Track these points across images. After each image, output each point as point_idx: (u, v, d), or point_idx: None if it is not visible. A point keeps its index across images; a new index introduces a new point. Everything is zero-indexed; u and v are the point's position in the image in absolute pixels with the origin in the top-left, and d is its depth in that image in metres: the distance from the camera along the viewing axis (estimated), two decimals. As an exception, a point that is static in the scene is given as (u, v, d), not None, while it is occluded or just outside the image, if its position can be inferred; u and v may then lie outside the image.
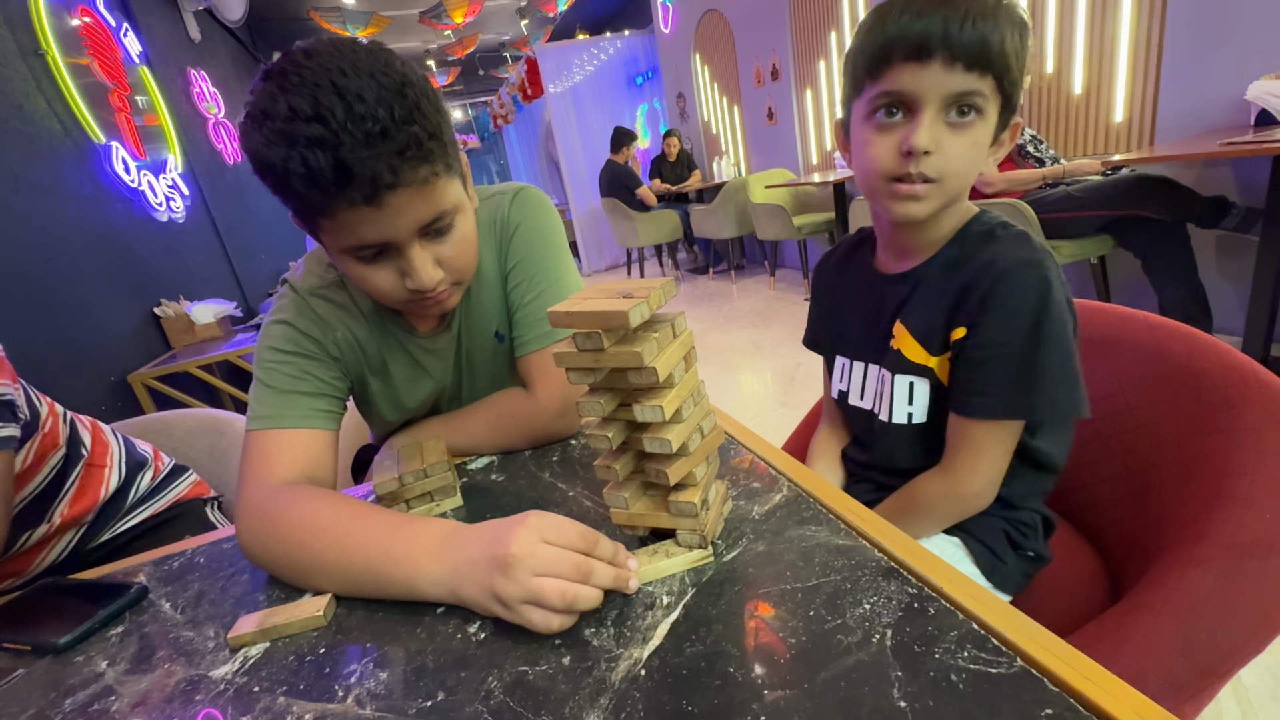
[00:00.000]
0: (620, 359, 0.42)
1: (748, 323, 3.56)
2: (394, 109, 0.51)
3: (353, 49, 0.52)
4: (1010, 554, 0.64)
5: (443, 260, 0.61)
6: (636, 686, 0.37)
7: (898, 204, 0.60)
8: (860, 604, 0.40)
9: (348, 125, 0.49)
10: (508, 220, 0.76)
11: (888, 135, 0.58)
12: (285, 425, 0.64)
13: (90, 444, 0.91)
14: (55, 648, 0.52)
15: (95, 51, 2.54)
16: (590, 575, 0.42)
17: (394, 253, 0.58)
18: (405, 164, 0.52)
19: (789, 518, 0.50)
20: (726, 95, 4.89)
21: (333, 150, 0.49)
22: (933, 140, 0.56)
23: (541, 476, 0.67)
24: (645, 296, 0.42)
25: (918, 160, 0.56)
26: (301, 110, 0.49)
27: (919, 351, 0.64)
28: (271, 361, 0.66)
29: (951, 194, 0.59)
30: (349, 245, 0.57)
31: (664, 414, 0.43)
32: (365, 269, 0.59)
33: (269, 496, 0.58)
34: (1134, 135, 2.25)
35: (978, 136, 0.57)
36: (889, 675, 0.34)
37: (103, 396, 2.06)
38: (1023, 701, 0.31)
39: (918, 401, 0.65)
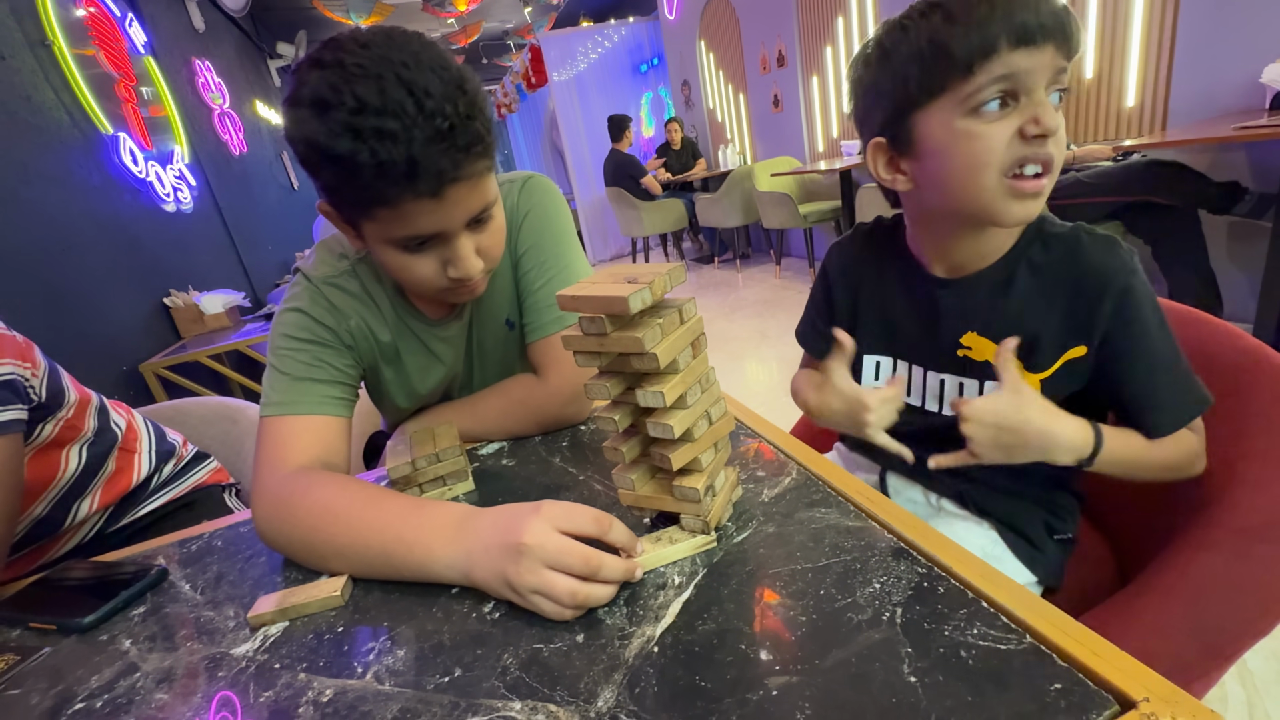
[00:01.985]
0: (622, 344, 0.42)
1: (753, 312, 3.55)
2: (458, 104, 0.52)
3: (405, 39, 0.52)
4: (1048, 542, 0.64)
5: (482, 249, 0.63)
6: (650, 663, 0.38)
7: (1019, 204, 0.55)
8: (870, 583, 0.40)
9: (419, 120, 0.49)
10: (516, 208, 0.76)
11: (1000, 125, 0.52)
12: (300, 411, 0.65)
13: (124, 427, 0.93)
14: (80, 627, 0.54)
15: (101, 41, 2.54)
16: (599, 569, 0.43)
17: (439, 242, 0.60)
18: (468, 159, 0.54)
19: (799, 500, 0.51)
20: (732, 82, 4.85)
21: (405, 145, 0.50)
22: (1060, 119, 0.52)
23: (552, 461, 0.67)
24: (649, 282, 0.42)
25: (1044, 142, 0.52)
26: (370, 102, 0.49)
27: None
28: (286, 349, 0.67)
29: (1051, 186, 0.55)
30: (402, 235, 0.58)
31: (665, 400, 0.43)
32: (409, 258, 0.60)
33: (284, 482, 0.59)
34: (1146, 120, 2.22)
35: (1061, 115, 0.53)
36: (899, 652, 0.35)
37: (116, 386, 2.08)
38: (1031, 677, 0.32)
39: None
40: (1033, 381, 0.60)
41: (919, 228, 0.66)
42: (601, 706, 0.35)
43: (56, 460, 0.82)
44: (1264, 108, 1.79)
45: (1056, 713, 0.30)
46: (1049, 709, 0.30)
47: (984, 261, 0.62)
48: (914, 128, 0.56)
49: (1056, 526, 0.64)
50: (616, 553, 0.45)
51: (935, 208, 0.61)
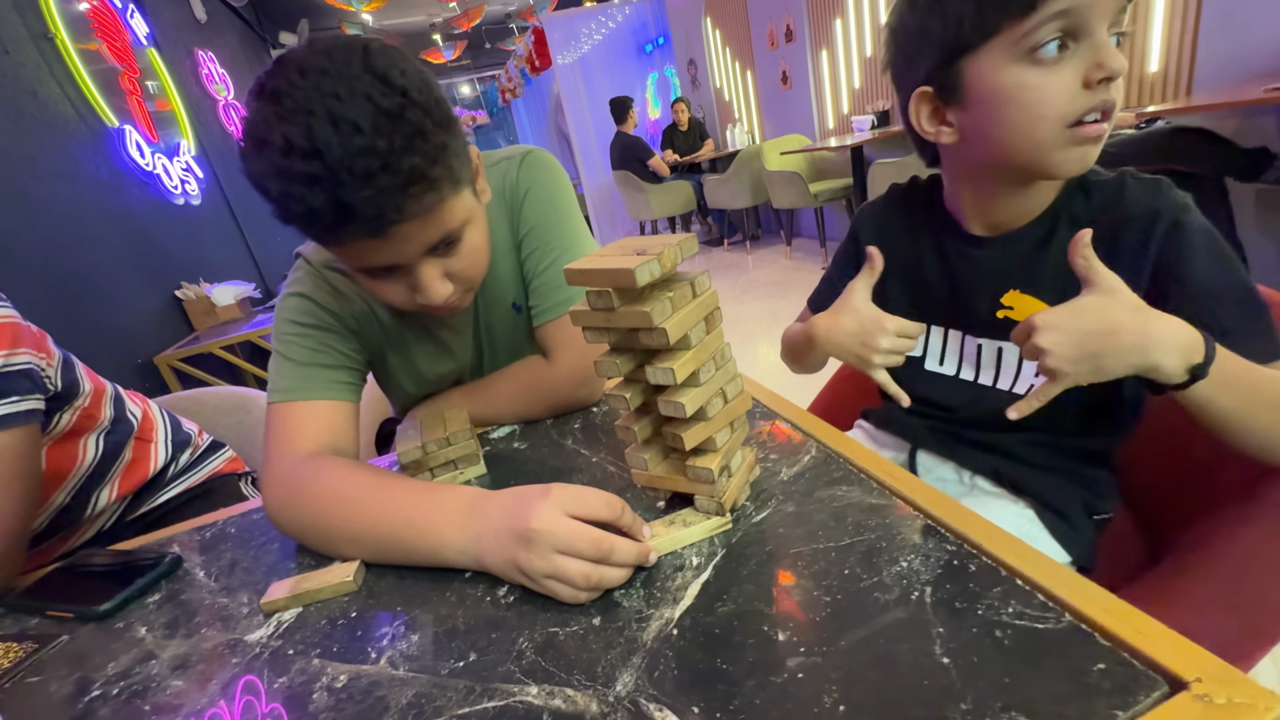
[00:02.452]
0: (630, 319, 0.41)
1: (764, 293, 3.51)
2: (394, 139, 0.47)
3: (347, 62, 0.48)
4: (1085, 522, 0.61)
5: (453, 273, 0.60)
6: (669, 645, 0.37)
7: (1079, 151, 0.51)
8: (897, 562, 0.39)
9: (345, 161, 0.46)
10: (516, 186, 0.73)
11: (1059, 71, 0.49)
12: (307, 397, 0.64)
13: (140, 417, 0.93)
14: (97, 615, 0.54)
15: (103, 34, 2.53)
16: (611, 553, 0.41)
17: (403, 270, 0.57)
18: (409, 199, 0.49)
19: (818, 479, 0.49)
20: (739, 60, 4.76)
21: (331, 190, 0.46)
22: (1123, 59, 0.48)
23: (564, 444, 0.66)
24: (658, 254, 0.40)
25: (1109, 87, 0.48)
26: (297, 143, 0.45)
27: None
28: (290, 334, 0.66)
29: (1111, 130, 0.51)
30: (356, 266, 0.57)
31: (675, 377, 0.41)
32: (375, 283, 0.59)
33: (294, 468, 0.58)
34: (1170, 85, 2.14)
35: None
36: (930, 632, 0.33)
37: (131, 379, 2.10)
38: (1071, 657, 0.30)
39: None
40: None
41: (961, 184, 0.63)
42: (620, 690, 0.34)
43: (75, 450, 0.82)
44: (1296, 68, 1.72)
45: (1100, 694, 0.28)
46: (1092, 690, 0.28)
47: (1026, 218, 0.59)
48: (964, 74, 0.53)
49: (1096, 505, 0.62)
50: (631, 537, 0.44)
51: (982, 161, 0.57)
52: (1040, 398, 0.49)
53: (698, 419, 0.44)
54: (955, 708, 0.29)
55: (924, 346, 0.70)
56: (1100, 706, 0.27)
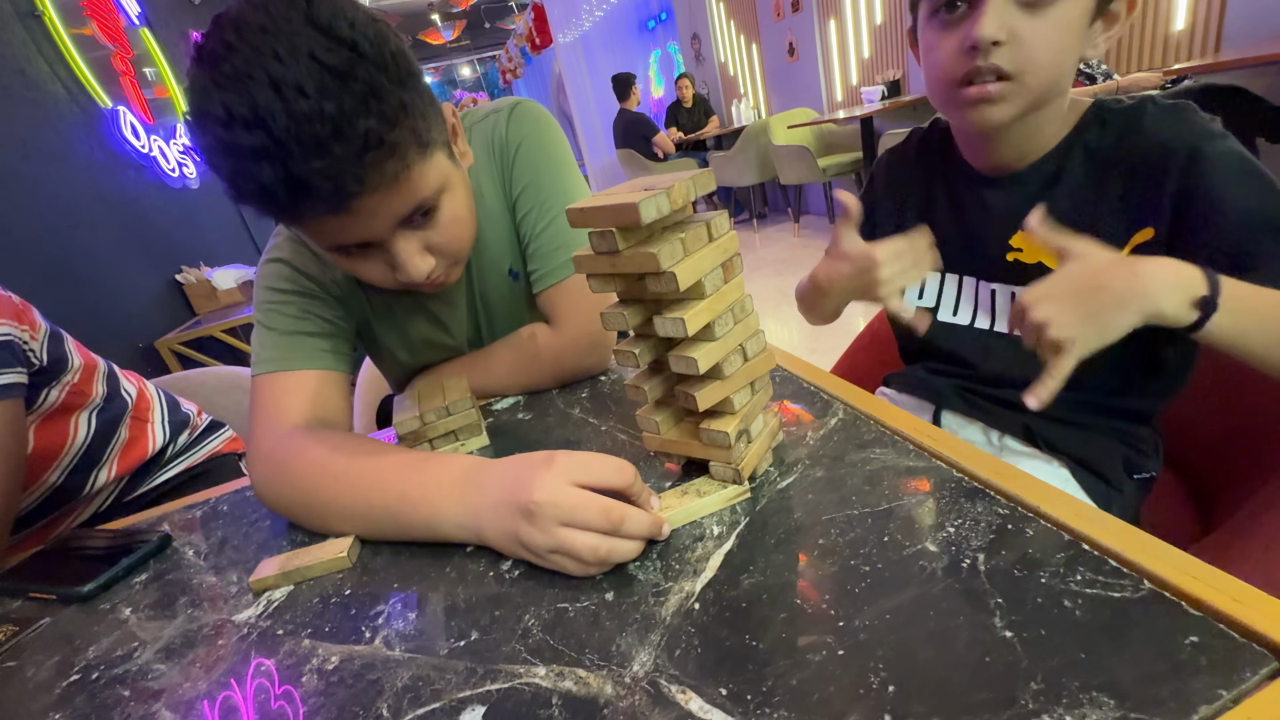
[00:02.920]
0: (636, 262, 0.36)
1: (773, 271, 3.45)
2: (343, 101, 0.42)
3: (286, 16, 0.42)
4: (1127, 481, 0.57)
5: (433, 246, 0.55)
6: (690, 621, 0.33)
7: (971, 111, 0.53)
8: (943, 527, 0.35)
9: (291, 130, 0.41)
10: (506, 141, 0.68)
11: (952, 33, 0.51)
12: (291, 367, 0.60)
13: (135, 396, 0.91)
14: (80, 596, 0.51)
15: (94, 12, 2.47)
16: (622, 523, 0.37)
17: (378, 246, 0.53)
18: (367, 168, 0.45)
19: (848, 441, 0.45)
20: (744, 33, 4.63)
21: (280, 163, 0.42)
22: (1001, 27, 0.48)
23: (571, 413, 0.63)
24: (666, 189, 0.35)
25: (986, 53, 0.49)
26: (238, 113, 0.41)
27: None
28: (271, 303, 0.62)
29: (1037, 90, 0.51)
30: (326, 245, 0.52)
31: (686, 328, 0.37)
32: (351, 262, 0.55)
33: (279, 442, 0.55)
34: (1197, 43, 2.05)
35: (1064, 15, 0.49)
36: (987, 603, 0.29)
37: (133, 363, 2.08)
38: (1158, 629, 0.26)
39: None
40: None
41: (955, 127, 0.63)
42: (637, 671, 0.31)
43: (65, 427, 0.79)
44: (1334, 20, 1.63)
45: (1196, 671, 0.24)
46: (1186, 667, 0.24)
47: (1034, 155, 0.57)
48: (916, 21, 0.57)
49: (1137, 463, 0.58)
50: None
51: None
52: (1056, 376, 0.45)
53: (712, 377, 0.40)
54: (1025, 688, 0.25)
55: (938, 296, 0.67)
56: (1198, 686, 0.24)
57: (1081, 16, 0.50)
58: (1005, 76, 0.50)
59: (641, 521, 0.38)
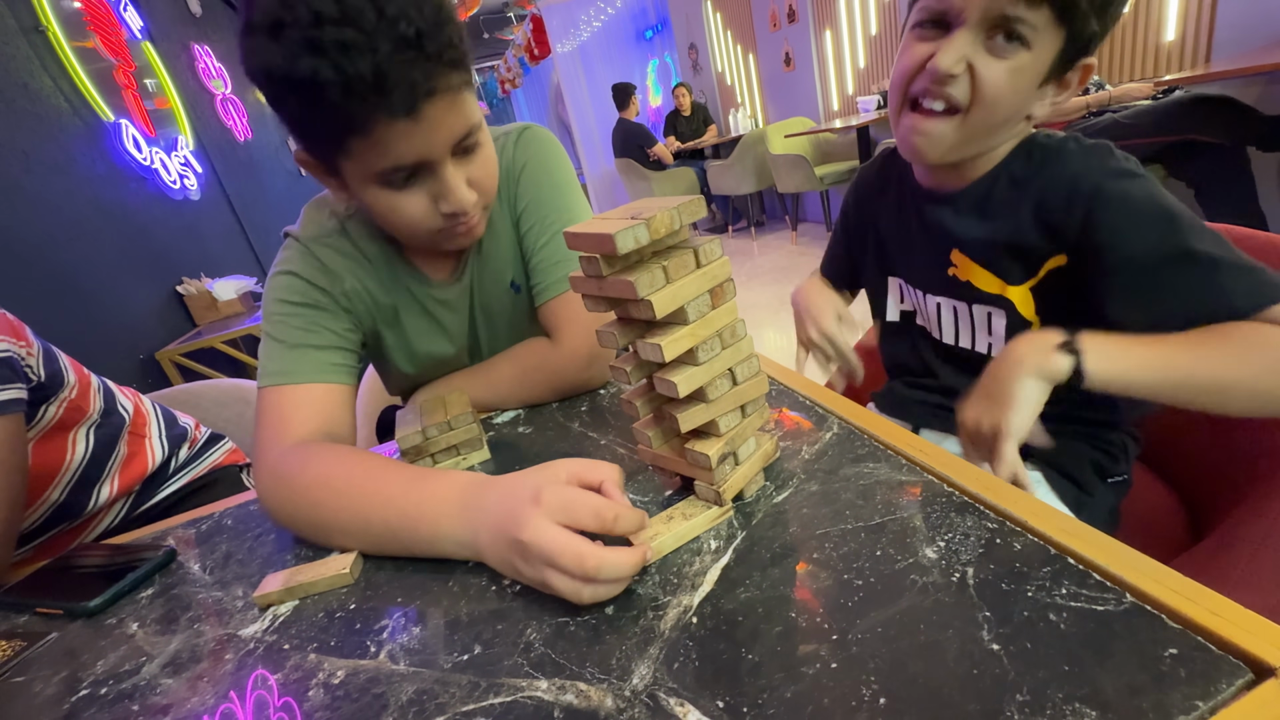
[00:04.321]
0: (617, 288, 0.37)
1: (770, 279, 3.47)
2: (423, 8, 0.47)
3: None
4: (1098, 485, 0.59)
5: (473, 181, 0.58)
6: (689, 635, 0.34)
7: (911, 135, 0.57)
8: (934, 541, 0.36)
9: (381, 27, 0.45)
10: (513, 161, 0.71)
11: (921, 48, 0.54)
12: (298, 380, 0.61)
13: (132, 411, 0.91)
14: (86, 610, 0.51)
15: (96, 27, 2.49)
16: (597, 571, 0.36)
17: (426, 175, 0.55)
18: (440, 71, 0.49)
19: (842, 455, 0.46)
20: (741, 43, 4.68)
21: (369, 55, 0.45)
22: (960, 60, 0.51)
23: (571, 427, 0.63)
24: (648, 218, 0.36)
25: (941, 80, 0.53)
26: (327, 13, 0.44)
27: (992, 281, 0.59)
28: (280, 315, 0.64)
29: (977, 128, 0.54)
30: (383, 168, 0.53)
31: (663, 354, 0.37)
32: (396, 196, 0.56)
33: (284, 456, 0.55)
34: (1188, 53, 2.08)
35: (1022, 65, 0.51)
36: (975, 616, 0.30)
37: (134, 375, 2.09)
38: (1139, 642, 0.27)
39: (996, 331, 0.61)
40: (1021, 292, 0.58)
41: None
42: (637, 684, 0.32)
43: (63, 444, 0.80)
44: (1321, 31, 1.66)
45: (1176, 683, 0.25)
46: (1166, 679, 0.25)
47: (971, 176, 0.60)
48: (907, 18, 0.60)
49: (1108, 467, 0.60)
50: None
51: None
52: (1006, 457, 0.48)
53: (696, 400, 0.41)
54: (1011, 700, 0.26)
55: (914, 302, 0.70)
56: (1176, 697, 0.24)
57: (1036, 74, 0.52)
58: (952, 108, 0.53)
59: (618, 566, 0.36)
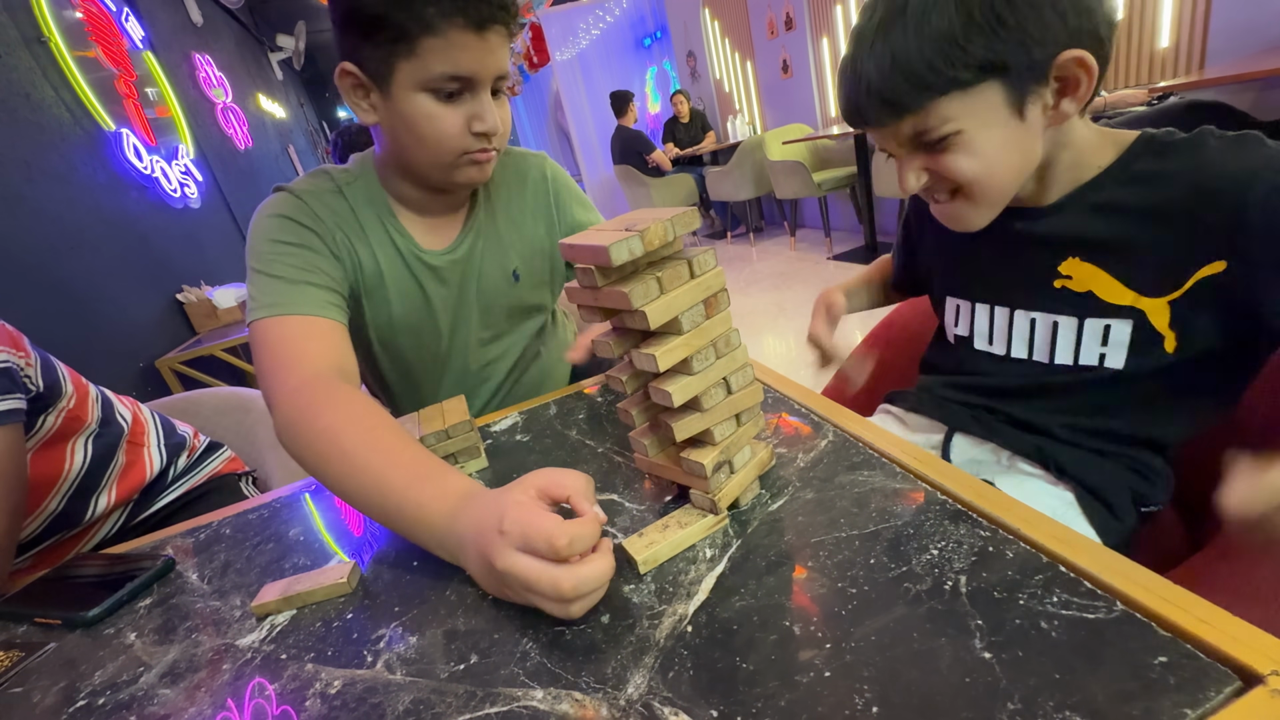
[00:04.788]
0: (612, 299, 0.38)
1: (770, 285, 3.48)
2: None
3: None
4: (1131, 512, 0.56)
5: (501, 118, 0.65)
6: (684, 644, 0.34)
7: (946, 221, 0.59)
8: (927, 549, 0.36)
9: None
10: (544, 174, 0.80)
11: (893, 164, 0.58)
12: (301, 312, 0.60)
13: (130, 420, 0.91)
14: (85, 621, 0.51)
15: (98, 37, 2.51)
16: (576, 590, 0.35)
17: (469, 95, 0.62)
18: (504, 9, 0.59)
19: (837, 463, 0.47)
20: (739, 50, 4.70)
21: None
22: (919, 175, 0.55)
23: (568, 434, 0.64)
24: (642, 230, 0.36)
25: (929, 193, 0.56)
26: None
27: (1122, 292, 0.54)
28: (273, 254, 0.63)
29: (997, 192, 0.54)
30: (440, 73, 0.59)
31: (656, 364, 0.38)
32: (440, 107, 0.61)
33: (299, 391, 0.54)
34: (1182, 60, 2.09)
35: (975, 144, 0.50)
36: (968, 624, 0.31)
37: (133, 383, 2.09)
38: (1129, 649, 0.27)
39: (1114, 342, 0.55)
40: (1159, 305, 0.52)
41: None
42: (632, 693, 0.32)
43: (62, 455, 0.80)
44: (1314, 38, 1.67)
45: (1165, 691, 0.25)
46: (1155, 686, 0.26)
47: (1067, 185, 0.56)
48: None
49: (1146, 495, 0.57)
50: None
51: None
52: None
53: (691, 409, 0.41)
54: (1003, 708, 0.26)
55: (970, 326, 0.66)
56: (1166, 705, 0.25)
57: (998, 126, 0.49)
58: (954, 197, 0.55)
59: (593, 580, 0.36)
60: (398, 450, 0.49)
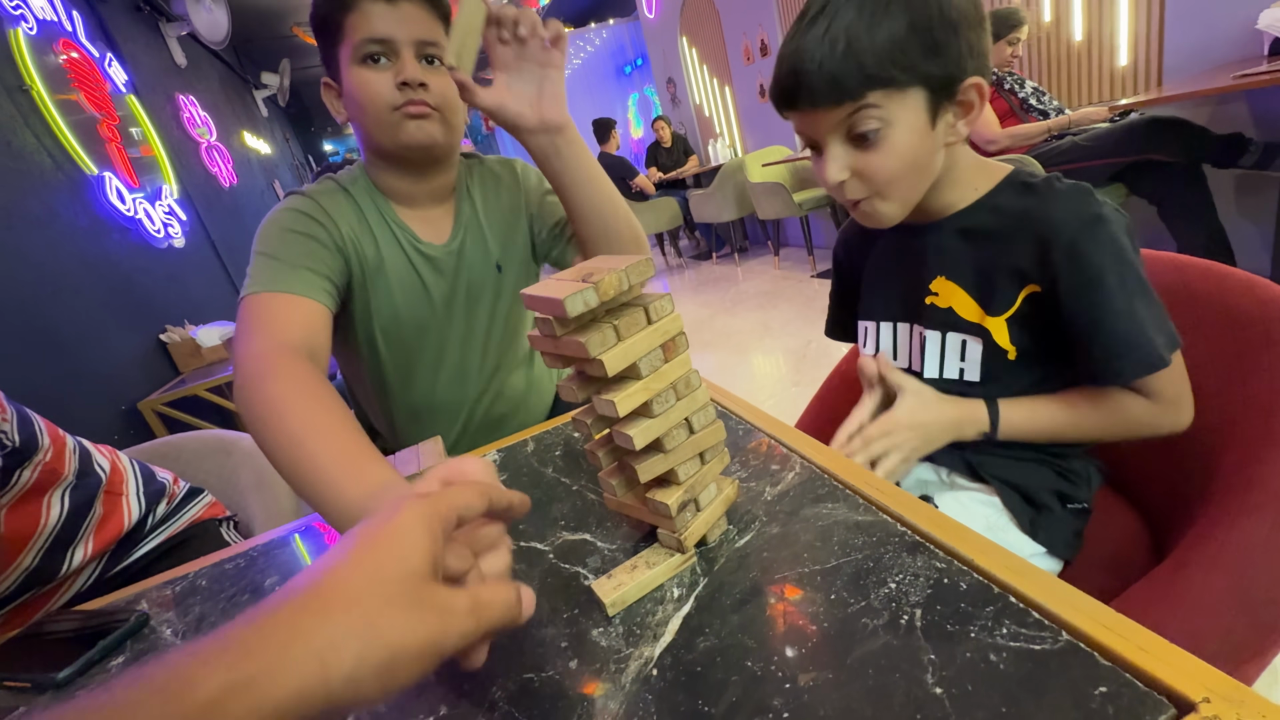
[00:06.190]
0: (571, 348, 0.39)
1: (755, 304, 3.51)
2: None
3: None
4: (1057, 510, 0.61)
5: (429, 81, 0.70)
6: (648, 688, 0.34)
7: (858, 217, 0.62)
8: (885, 583, 0.37)
9: None
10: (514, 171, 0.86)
11: (816, 163, 0.61)
12: (290, 290, 0.64)
13: (109, 470, 0.90)
14: (55, 683, 0.51)
15: (81, 84, 2.54)
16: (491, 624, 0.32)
17: (393, 58, 0.69)
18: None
19: (804, 496, 0.47)
20: (717, 76, 4.81)
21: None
22: (843, 169, 0.57)
23: (544, 472, 0.64)
24: (596, 281, 0.37)
25: (839, 189, 0.58)
26: None
27: (973, 309, 0.62)
28: (279, 240, 0.68)
29: (905, 193, 0.58)
30: (361, 39, 0.67)
31: (616, 410, 0.39)
32: (368, 73, 0.69)
33: (261, 355, 0.57)
34: (1140, 78, 2.17)
35: (895, 144, 0.55)
36: (921, 659, 0.31)
37: (115, 426, 2.07)
38: (1073, 680, 0.28)
39: (969, 359, 0.63)
40: (999, 324, 0.60)
41: None
42: (596, 742, 0.32)
43: (38, 509, 0.79)
44: (1262, 55, 1.74)
45: (1105, 721, 0.26)
46: (1096, 716, 0.26)
47: (949, 207, 0.62)
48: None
49: (1069, 494, 0.61)
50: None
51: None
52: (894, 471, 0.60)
53: (654, 450, 0.42)
54: (950, 744, 0.27)
55: (876, 343, 0.72)
56: (1105, 735, 0.25)
57: (915, 131, 0.55)
58: (866, 196, 0.59)
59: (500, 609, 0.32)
60: (333, 430, 0.50)
